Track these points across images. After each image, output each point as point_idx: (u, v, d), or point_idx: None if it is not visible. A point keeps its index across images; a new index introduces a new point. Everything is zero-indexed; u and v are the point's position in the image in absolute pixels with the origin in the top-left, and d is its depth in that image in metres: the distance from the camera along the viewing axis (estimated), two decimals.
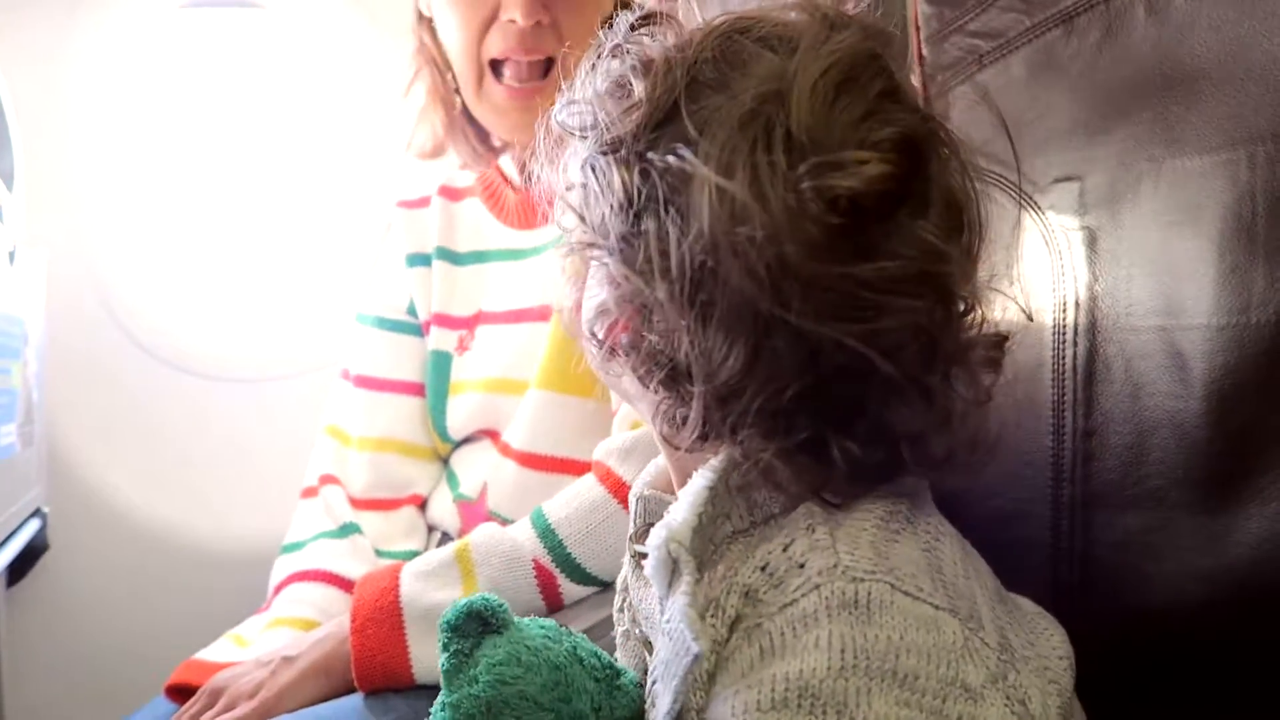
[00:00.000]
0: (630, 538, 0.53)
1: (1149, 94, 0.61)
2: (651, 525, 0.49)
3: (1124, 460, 0.62)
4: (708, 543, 0.42)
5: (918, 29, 0.75)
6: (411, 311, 1.00)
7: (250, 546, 1.17)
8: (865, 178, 0.38)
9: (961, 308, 0.44)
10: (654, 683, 0.45)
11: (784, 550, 0.41)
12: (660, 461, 0.55)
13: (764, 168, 0.39)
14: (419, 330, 1.00)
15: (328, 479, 0.99)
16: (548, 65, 0.82)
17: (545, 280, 0.87)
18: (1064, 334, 0.65)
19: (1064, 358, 0.65)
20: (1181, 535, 0.57)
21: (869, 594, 0.39)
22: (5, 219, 1.00)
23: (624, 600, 0.57)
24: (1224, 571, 0.55)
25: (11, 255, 1.01)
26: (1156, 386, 0.60)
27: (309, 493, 0.99)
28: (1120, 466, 0.62)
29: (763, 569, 0.41)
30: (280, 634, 0.87)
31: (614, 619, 0.59)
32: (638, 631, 0.54)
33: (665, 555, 0.42)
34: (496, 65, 0.82)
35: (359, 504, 0.97)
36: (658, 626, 0.46)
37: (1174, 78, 0.60)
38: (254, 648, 0.88)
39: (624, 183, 0.42)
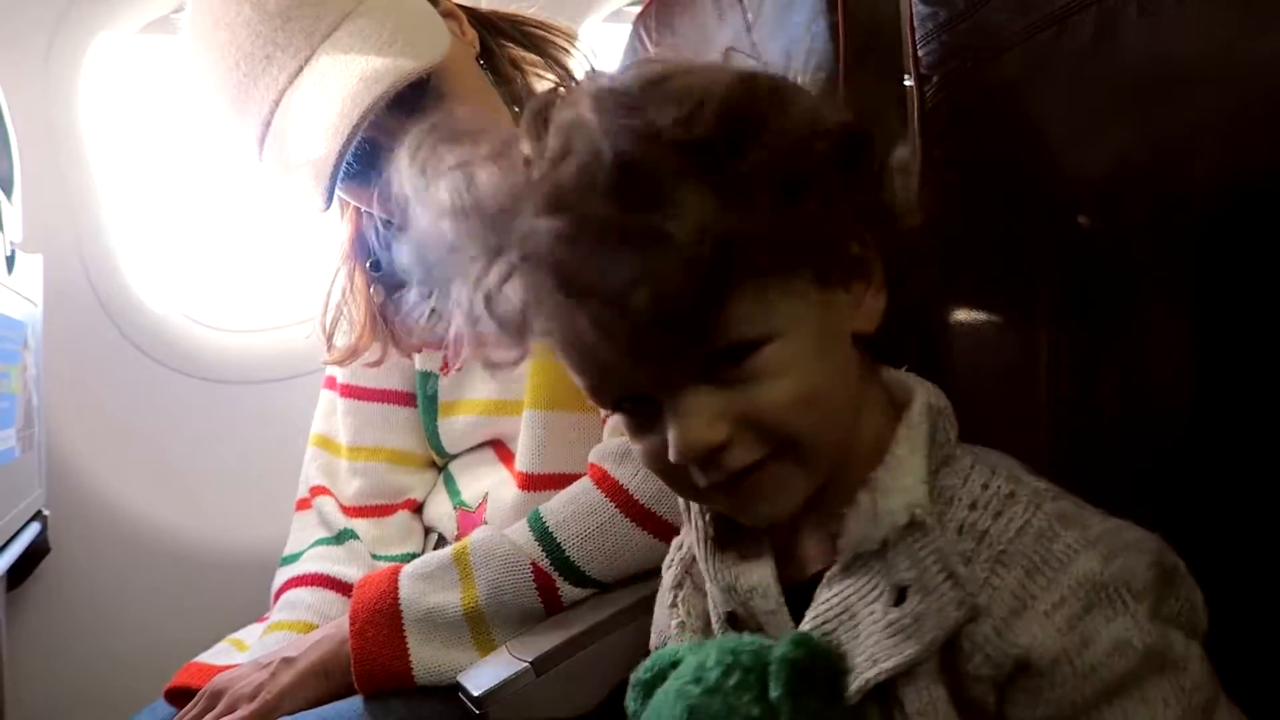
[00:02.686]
0: (710, 517, 0.54)
1: (1142, 94, 0.61)
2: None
3: (1120, 459, 0.62)
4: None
5: (912, 29, 0.75)
6: None
7: (252, 550, 1.17)
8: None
9: None
10: (830, 631, 0.48)
11: (984, 489, 0.47)
12: None
13: None
14: None
15: (319, 490, 0.98)
16: None
17: None
18: (1058, 334, 0.65)
19: (1059, 358, 0.65)
20: (1179, 539, 0.57)
21: (1067, 507, 0.47)
22: (3, 223, 1.00)
23: (676, 596, 0.58)
24: (1222, 577, 0.55)
25: (10, 259, 1.01)
26: (1151, 389, 0.60)
27: (302, 505, 0.99)
28: (1116, 465, 0.62)
29: (972, 507, 0.47)
30: (279, 637, 0.87)
31: (669, 613, 0.59)
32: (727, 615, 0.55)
33: (905, 519, 0.46)
34: None
35: (351, 511, 0.96)
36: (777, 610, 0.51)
37: (1167, 78, 0.60)
38: (253, 651, 0.87)
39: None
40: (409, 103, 0.74)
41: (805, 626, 0.49)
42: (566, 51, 0.85)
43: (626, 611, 0.72)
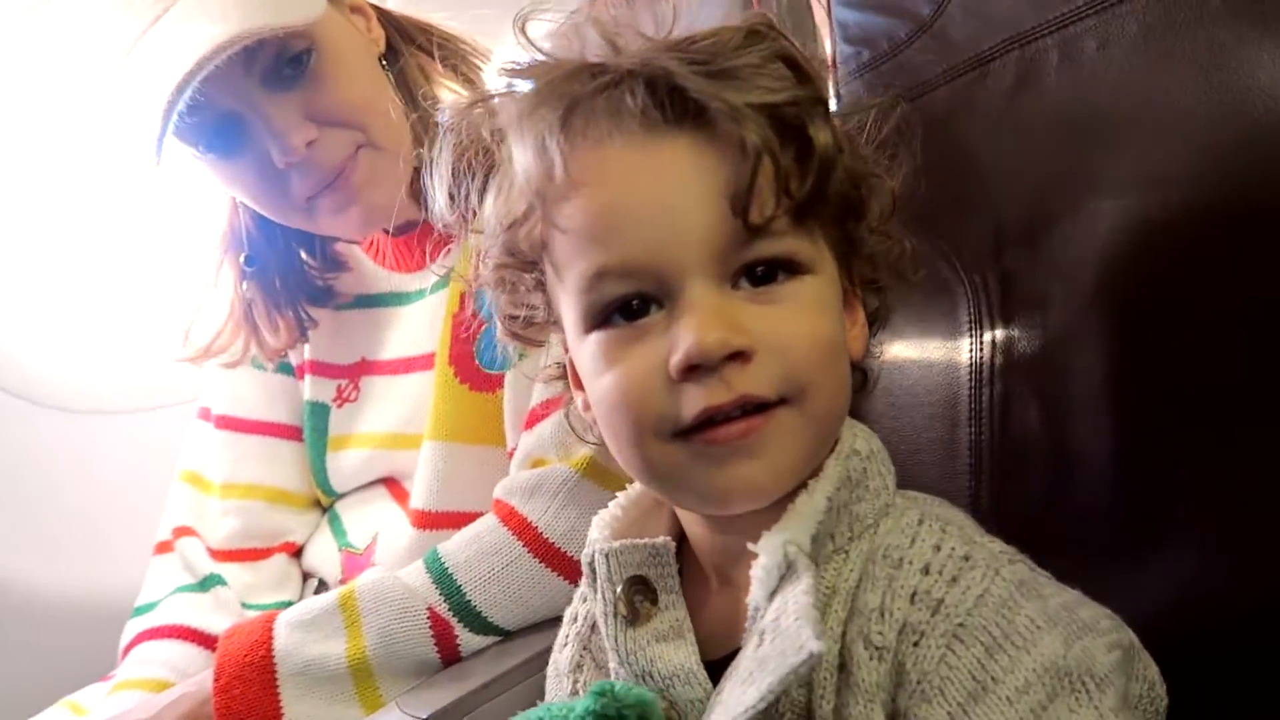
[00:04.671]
0: (621, 589, 0.48)
1: (1064, 137, 0.62)
2: (639, 578, 0.48)
3: (1043, 501, 0.62)
4: (815, 555, 0.44)
5: (834, 67, 0.75)
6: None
7: (96, 600, 1.09)
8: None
9: None
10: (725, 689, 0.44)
11: (936, 550, 0.43)
12: (616, 510, 0.52)
13: None
14: (292, 370, 0.94)
15: (183, 531, 0.91)
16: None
17: (433, 324, 0.82)
18: (980, 374, 0.65)
19: (980, 398, 0.65)
20: (1103, 579, 0.57)
21: (1024, 573, 0.43)
22: None
23: (576, 682, 0.53)
24: (1146, 616, 0.55)
25: None
26: (1073, 430, 0.60)
27: (162, 548, 0.92)
28: (1039, 508, 0.61)
29: (924, 571, 0.42)
30: (127, 697, 0.79)
31: (562, 676, 0.54)
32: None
33: (781, 559, 0.42)
34: (311, 199, 0.77)
35: (221, 555, 0.90)
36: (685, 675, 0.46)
37: (1087, 122, 0.61)
38: (94, 715, 0.79)
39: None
40: (284, 80, 0.73)
41: (717, 697, 0.45)
42: (478, 69, 0.83)
43: (531, 662, 0.68)
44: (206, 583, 0.87)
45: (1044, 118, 0.64)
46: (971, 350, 0.66)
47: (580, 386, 0.49)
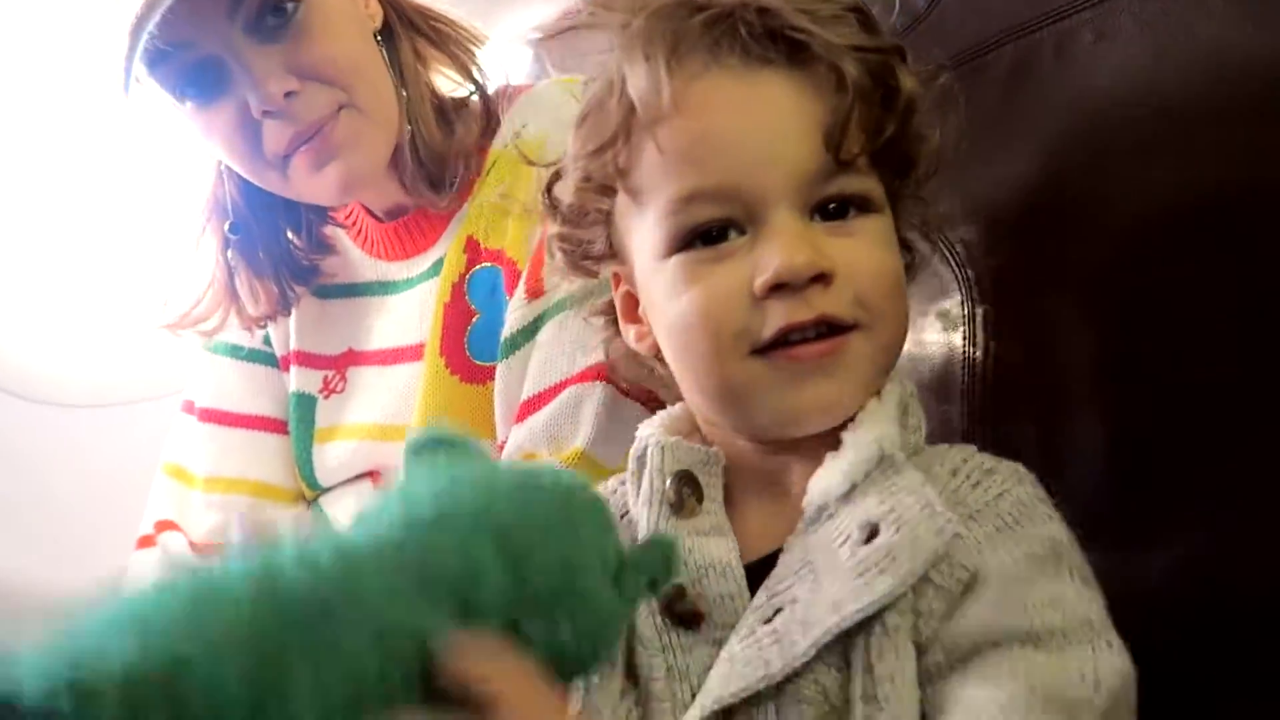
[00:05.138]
0: (671, 481, 0.50)
1: (1057, 131, 0.62)
2: (688, 473, 0.49)
3: (1036, 450, 0.61)
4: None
5: None
6: (267, 342, 0.93)
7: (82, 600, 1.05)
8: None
9: None
10: (783, 589, 0.45)
11: (965, 462, 0.47)
12: (664, 418, 0.53)
13: None
14: (276, 362, 0.93)
15: (165, 525, 0.89)
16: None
17: (422, 314, 0.81)
18: (974, 370, 0.65)
19: (974, 395, 0.64)
20: (1096, 575, 0.57)
21: (1043, 494, 0.47)
22: None
23: None
24: (1140, 613, 0.55)
25: None
26: (1067, 426, 0.60)
27: (144, 542, 0.90)
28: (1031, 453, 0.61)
29: (953, 474, 0.46)
30: None
31: None
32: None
33: (874, 453, 0.45)
34: (288, 157, 0.75)
35: (203, 550, 0.88)
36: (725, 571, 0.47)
37: (1083, 116, 0.61)
38: None
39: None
40: (268, 29, 0.71)
41: (760, 598, 0.45)
42: (474, 55, 0.82)
43: None
44: None
45: (1038, 111, 0.64)
46: (965, 346, 0.65)
47: (633, 320, 0.52)
